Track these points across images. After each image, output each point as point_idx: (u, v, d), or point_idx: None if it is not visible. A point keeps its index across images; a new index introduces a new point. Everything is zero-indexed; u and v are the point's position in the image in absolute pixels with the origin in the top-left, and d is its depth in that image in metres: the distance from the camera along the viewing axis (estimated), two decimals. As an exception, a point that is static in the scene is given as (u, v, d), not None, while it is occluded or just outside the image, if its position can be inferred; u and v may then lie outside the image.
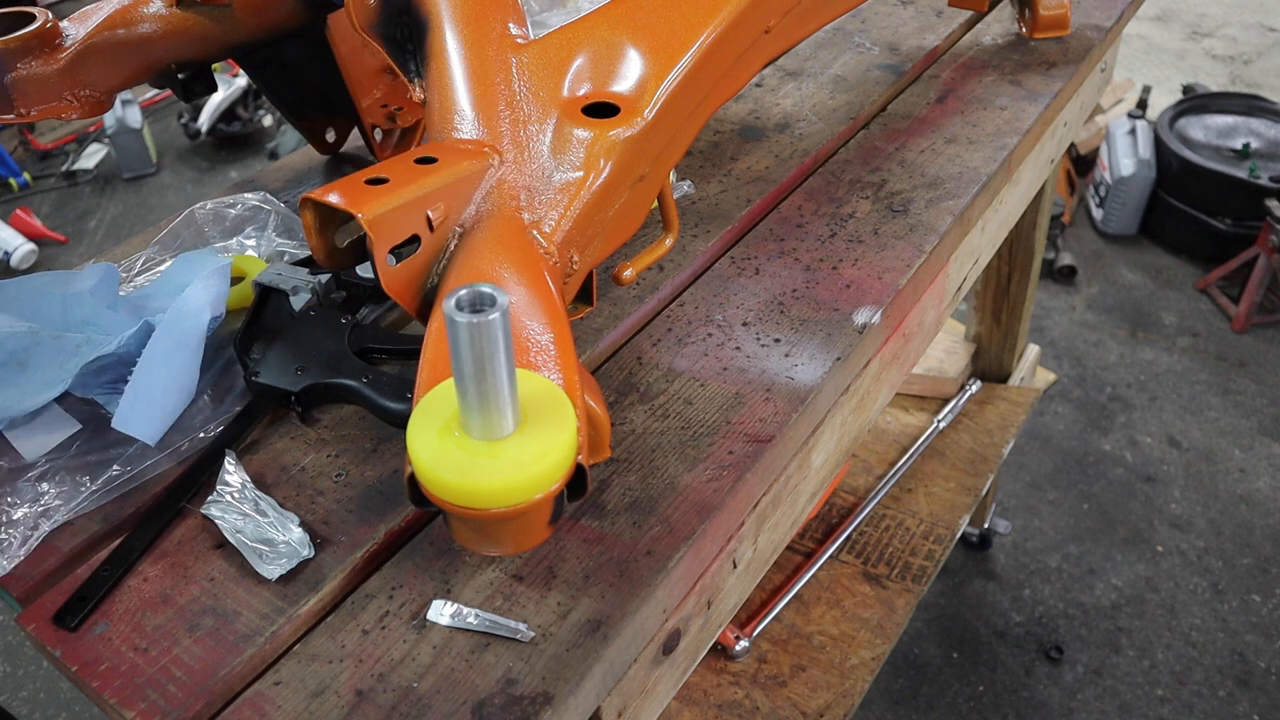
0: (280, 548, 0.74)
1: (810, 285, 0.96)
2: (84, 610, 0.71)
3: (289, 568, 0.73)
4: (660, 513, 0.75)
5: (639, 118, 0.75)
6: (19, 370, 0.86)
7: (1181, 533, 2.32)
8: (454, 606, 0.70)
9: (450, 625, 0.69)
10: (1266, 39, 4.42)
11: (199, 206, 1.08)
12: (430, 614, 0.70)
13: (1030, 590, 2.21)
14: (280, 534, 0.75)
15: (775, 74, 1.33)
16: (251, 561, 0.73)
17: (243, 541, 0.75)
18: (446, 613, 0.69)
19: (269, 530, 0.75)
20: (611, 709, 0.73)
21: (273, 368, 0.84)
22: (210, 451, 0.82)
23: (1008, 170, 1.16)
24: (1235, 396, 2.67)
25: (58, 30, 0.93)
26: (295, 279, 0.90)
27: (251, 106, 4.06)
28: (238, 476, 0.80)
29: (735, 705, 1.46)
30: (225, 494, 0.78)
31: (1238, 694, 1.99)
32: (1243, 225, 2.98)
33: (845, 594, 1.62)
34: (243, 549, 0.74)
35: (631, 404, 0.85)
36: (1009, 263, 1.92)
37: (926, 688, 2.04)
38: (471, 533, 0.57)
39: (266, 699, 0.66)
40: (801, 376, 0.86)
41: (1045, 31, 1.35)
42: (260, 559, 0.73)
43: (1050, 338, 2.88)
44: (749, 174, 1.13)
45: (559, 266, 0.69)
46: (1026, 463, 2.49)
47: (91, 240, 3.61)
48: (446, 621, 0.69)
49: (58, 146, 4.05)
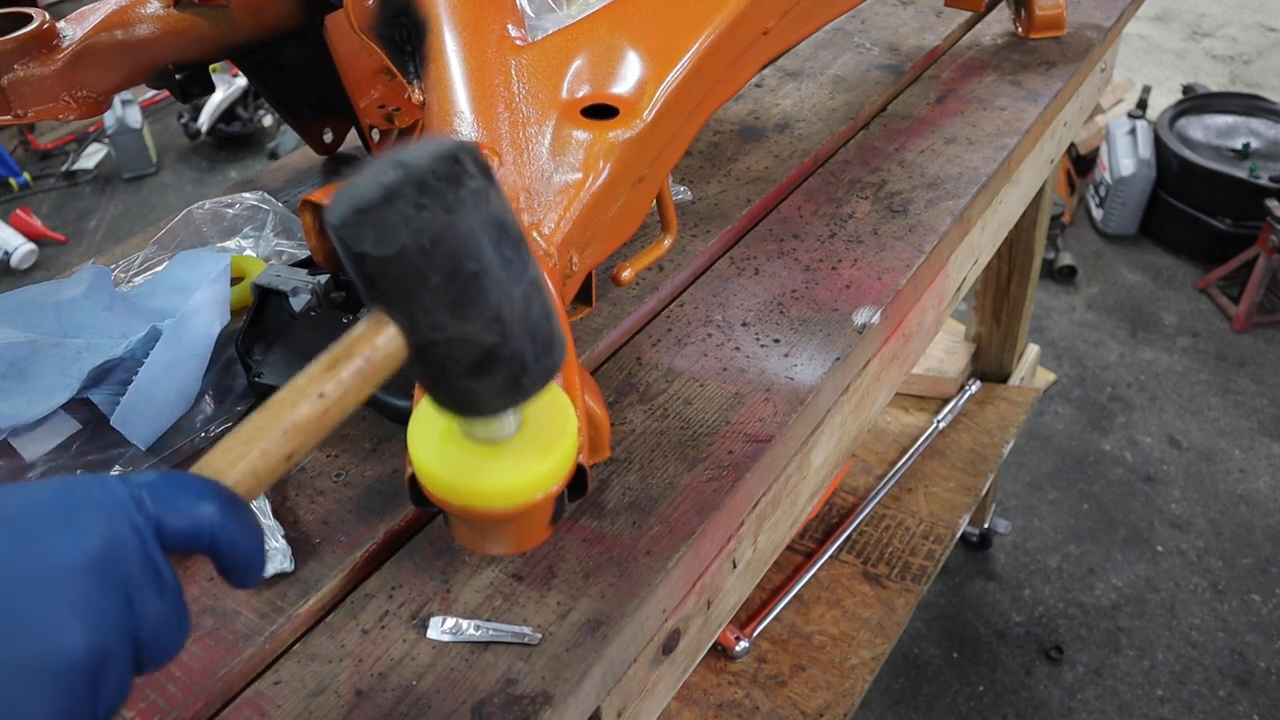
0: None
1: (810, 285, 0.96)
2: None
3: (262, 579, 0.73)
4: (660, 513, 0.75)
5: (638, 119, 0.75)
6: (21, 379, 0.86)
7: (1181, 533, 2.32)
8: (451, 621, 0.69)
9: (453, 640, 0.68)
10: (1266, 39, 4.42)
11: (197, 206, 1.08)
12: (430, 632, 0.69)
13: (1030, 590, 2.21)
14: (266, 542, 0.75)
15: (775, 74, 1.33)
16: None
17: None
18: (445, 628, 0.69)
19: None
20: (611, 709, 0.74)
21: (276, 369, 0.84)
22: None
23: (1007, 170, 1.16)
24: (1235, 396, 2.67)
25: (55, 31, 0.93)
26: (295, 280, 0.90)
27: (251, 106, 4.06)
28: None
29: (735, 705, 1.46)
30: None
31: (1238, 694, 1.99)
32: (1243, 225, 2.98)
33: (845, 594, 1.62)
34: None
35: (631, 404, 0.85)
36: (1009, 263, 1.92)
37: (926, 688, 2.04)
38: (472, 533, 0.57)
39: (266, 698, 0.66)
40: (801, 376, 0.86)
41: (1041, 32, 1.35)
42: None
43: (1050, 338, 2.88)
44: (749, 174, 1.13)
45: (559, 267, 0.69)
46: (1026, 463, 2.49)
47: (91, 240, 3.61)
48: (448, 638, 0.68)
49: (58, 146, 4.05)
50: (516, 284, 0.48)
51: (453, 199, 0.45)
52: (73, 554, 0.39)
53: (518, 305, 0.48)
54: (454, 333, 0.46)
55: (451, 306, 0.46)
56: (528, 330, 0.49)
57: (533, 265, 0.49)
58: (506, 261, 0.47)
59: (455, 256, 0.45)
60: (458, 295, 0.46)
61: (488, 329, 0.47)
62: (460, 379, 0.48)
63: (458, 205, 0.45)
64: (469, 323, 0.46)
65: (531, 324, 0.49)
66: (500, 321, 0.47)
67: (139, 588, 0.40)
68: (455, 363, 0.48)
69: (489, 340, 0.47)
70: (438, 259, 0.45)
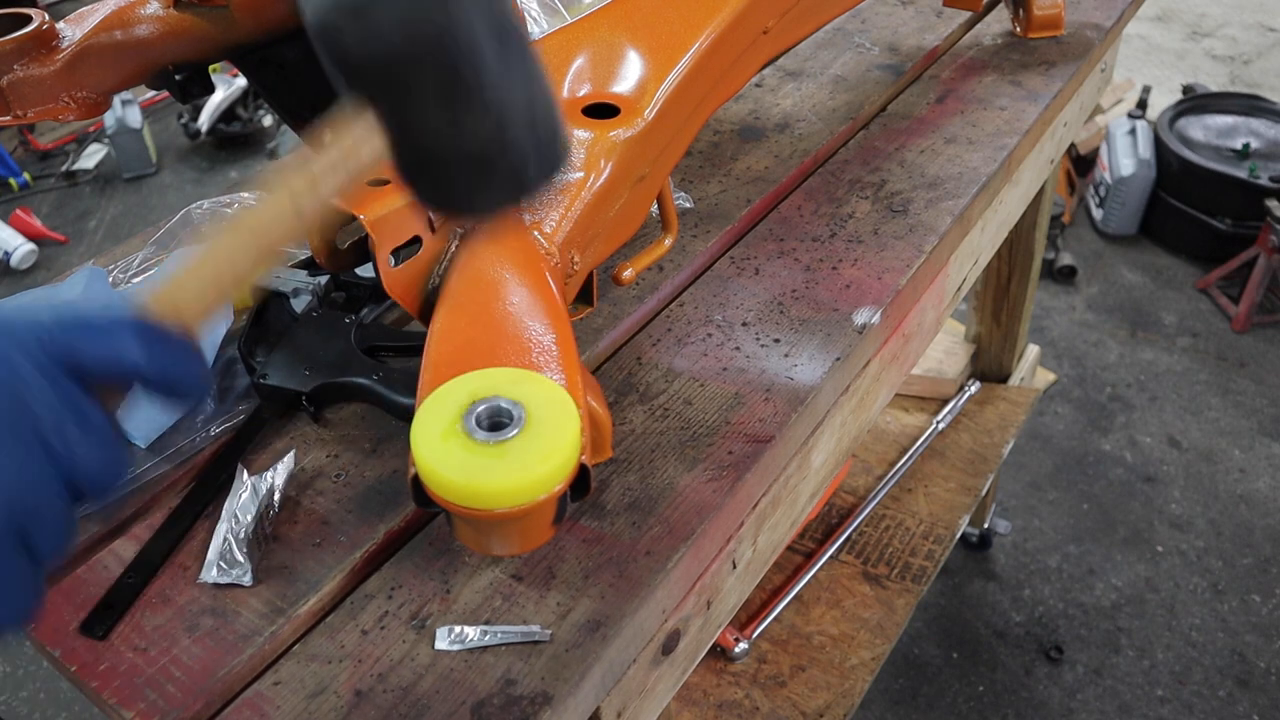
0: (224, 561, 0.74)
1: (810, 285, 0.96)
2: (111, 619, 0.71)
3: (220, 581, 0.73)
4: (660, 513, 0.75)
5: (639, 118, 0.75)
6: None
7: (1181, 533, 2.32)
8: (457, 629, 0.69)
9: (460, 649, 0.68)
10: (1266, 39, 4.42)
11: (196, 207, 1.08)
12: (437, 644, 0.68)
13: (1030, 590, 2.21)
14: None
15: (775, 74, 1.33)
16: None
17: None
18: (451, 638, 0.69)
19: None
20: (611, 709, 0.73)
21: (280, 370, 0.84)
22: (226, 456, 0.82)
23: (1008, 170, 1.16)
24: (1235, 396, 2.67)
25: (54, 32, 0.93)
26: (295, 281, 0.90)
27: (251, 106, 4.05)
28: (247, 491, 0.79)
29: (735, 705, 1.46)
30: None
31: (1238, 694, 1.99)
32: (1243, 225, 2.98)
33: (845, 594, 1.62)
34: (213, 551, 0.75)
35: (631, 404, 0.85)
36: (1009, 263, 1.92)
37: (926, 688, 2.04)
38: (475, 533, 0.57)
39: (266, 699, 0.66)
40: (801, 377, 0.86)
41: (1040, 31, 1.35)
42: (207, 566, 0.74)
43: (1050, 338, 2.88)
44: (749, 174, 1.13)
45: (560, 267, 0.69)
46: (1026, 463, 2.49)
47: (91, 240, 3.61)
48: (457, 648, 0.68)
49: (58, 146, 4.05)
50: (516, 81, 0.44)
51: None
52: None
53: (519, 102, 0.44)
54: (447, 133, 0.43)
55: (445, 107, 0.42)
56: (530, 122, 0.45)
57: (533, 58, 0.45)
58: (506, 62, 0.43)
59: (453, 61, 0.41)
60: (453, 97, 0.42)
61: (485, 128, 0.43)
62: (457, 177, 0.45)
63: (456, 2, 0.41)
64: (464, 124, 0.43)
65: (533, 118, 0.45)
66: (501, 124, 0.43)
67: (55, 428, 0.38)
68: (449, 161, 0.44)
69: (487, 138, 0.43)
70: (434, 63, 0.41)
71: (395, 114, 0.42)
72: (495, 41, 0.43)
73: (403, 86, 0.42)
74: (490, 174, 0.45)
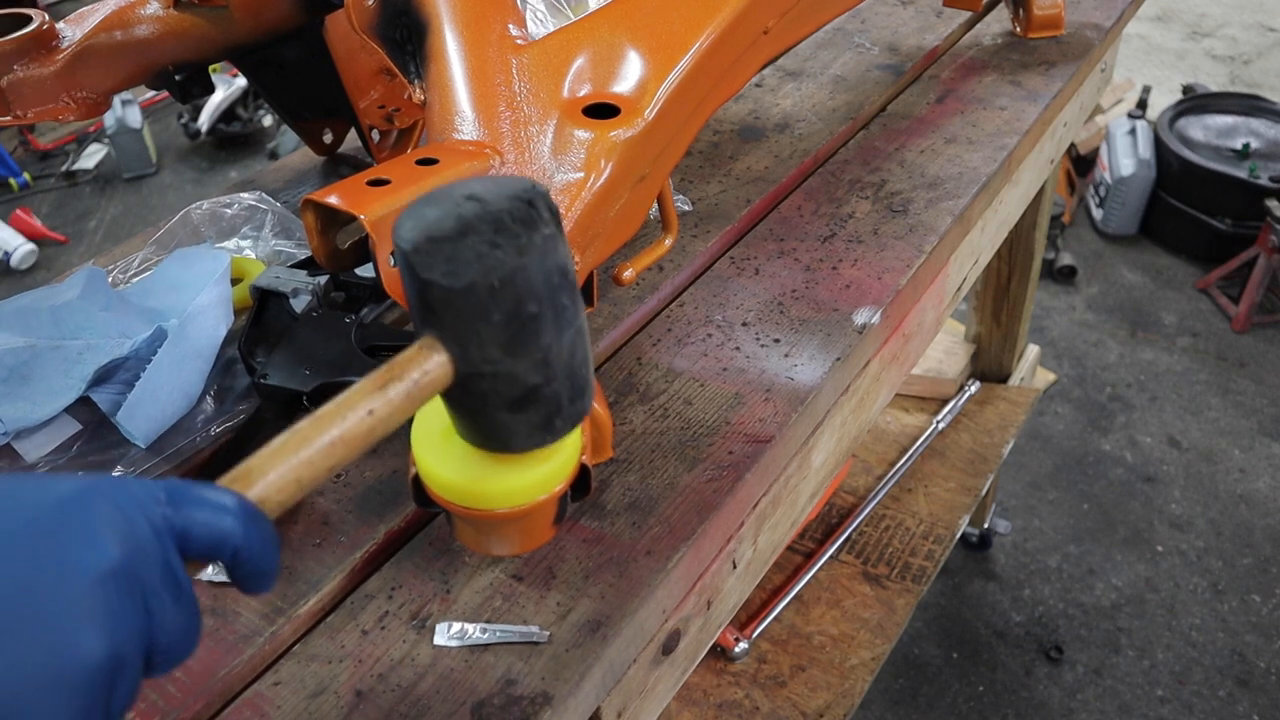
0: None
1: (810, 285, 0.96)
2: None
3: (220, 580, 0.73)
4: (660, 513, 0.75)
5: (639, 118, 0.75)
6: (23, 383, 0.86)
7: (1181, 533, 2.32)
8: (458, 626, 0.69)
9: (459, 645, 0.68)
10: (1266, 39, 4.42)
11: (195, 207, 1.08)
12: (436, 639, 0.68)
13: (1030, 590, 2.21)
14: None
15: (775, 74, 1.33)
16: None
17: None
18: (452, 634, 0.69)
19: None
20: (611, 709, 0.73)
21: (281, 370, 0.84)
22: (226, 456, 0.82)
23: (1007, 170, 1.16)
24: (1235, 396, 2.67)
25: (54, 32, 0.93)
26: (294, 281, 0.90)
27: (251, 106, 4.06)
28: None
29: (735, 705, 1.46)
30: None
31: (1238, 694, 1.99)
32: (1243, 225, 2.98)
33: (845, 594, 1.62)
34: None
35: (631, 404, 0.85)
36: (1009, 263, 1.92)
37: (926, 688, 2.04)
38: (475, 533, 0.57)
39: (266, 699, 0.66)
40: (801, 377, 0.86)
41: (1039, 31, 1.35)
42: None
43: (1050, 338, 2.88)
44: (749, 174, 1.13)
45: (559, 267, 0.69)
46: (1026, 463, 2.49)
47: (91, 240, 3.61)
48: (455, 644, 0.68)
49: (58, 147, 4.05)
50: (567, 329, 0.49)
51: (525, 242, 0.47)
52: (95, 560, 0.38)
53: (565, 350, 0.49)
54: (503, 368, 0.48)
55: (506, 344, 0.47)
56: (569, 374, 0.50)
57: (581, 313, 0.51)
58: (562, 307, 0.49)
59: (520, 298, 0.47)
60: (514, 334, 0.47)
61: (535, 369, 0.48)
62: (498, 413, 0.50)
63: (529, 249, 0.47)
64: (519, 361, 0.48)
65: (573, 369, 0.50)
66: (547, 363, 0.49)
67: (157, 595, 0.40)
68: (497, 396, 0.49)
69: (534, 380, 0.49)
70: (503, 298, 0.46)
71: (459, 345, 0.48)
72: (555, 292, 0.48)
73: (470, 320, 0.47)
74: (527, 415, 0.50)
